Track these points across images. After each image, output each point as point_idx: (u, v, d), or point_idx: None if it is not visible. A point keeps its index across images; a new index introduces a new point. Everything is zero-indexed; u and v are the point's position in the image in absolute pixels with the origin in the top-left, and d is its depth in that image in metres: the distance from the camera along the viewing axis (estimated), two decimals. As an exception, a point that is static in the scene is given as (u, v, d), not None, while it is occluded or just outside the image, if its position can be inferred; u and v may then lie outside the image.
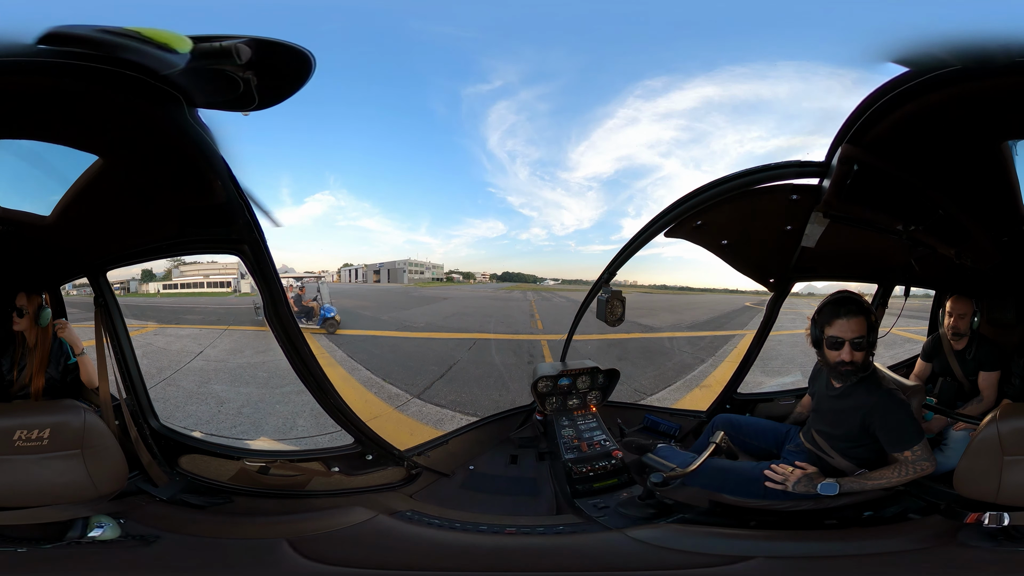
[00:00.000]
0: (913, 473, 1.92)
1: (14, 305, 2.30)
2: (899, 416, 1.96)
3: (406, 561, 1.88)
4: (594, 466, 2.50)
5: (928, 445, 1.98)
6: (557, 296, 32.21)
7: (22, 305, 2.31)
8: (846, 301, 2.03)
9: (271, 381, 6.76)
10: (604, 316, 2.58)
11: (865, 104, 1.55)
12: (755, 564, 1.70)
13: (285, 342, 2.10)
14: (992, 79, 1.36)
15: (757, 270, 2.73)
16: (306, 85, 1.48)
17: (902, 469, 1.94)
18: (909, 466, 1.93)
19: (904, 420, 1.96)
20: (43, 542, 1.74)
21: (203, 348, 9.35)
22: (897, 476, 1.94)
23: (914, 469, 1.92)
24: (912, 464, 1.93)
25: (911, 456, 1.93)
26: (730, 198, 1.99)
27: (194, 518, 2.13)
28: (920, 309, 3.14)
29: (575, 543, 1.99)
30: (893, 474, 1.94)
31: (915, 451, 1.92)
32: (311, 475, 2.50)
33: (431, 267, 61.42)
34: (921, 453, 1.93)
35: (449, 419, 5.50)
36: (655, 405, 5.02)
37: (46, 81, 1.34)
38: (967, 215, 1.89)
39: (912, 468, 1.92)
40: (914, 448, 1.92)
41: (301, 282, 14.27)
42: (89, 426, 1.83)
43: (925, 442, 1.95)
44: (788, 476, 2.00)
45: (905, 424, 1.96)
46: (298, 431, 4.98)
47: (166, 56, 1.20)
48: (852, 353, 1.98)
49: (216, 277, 30.15)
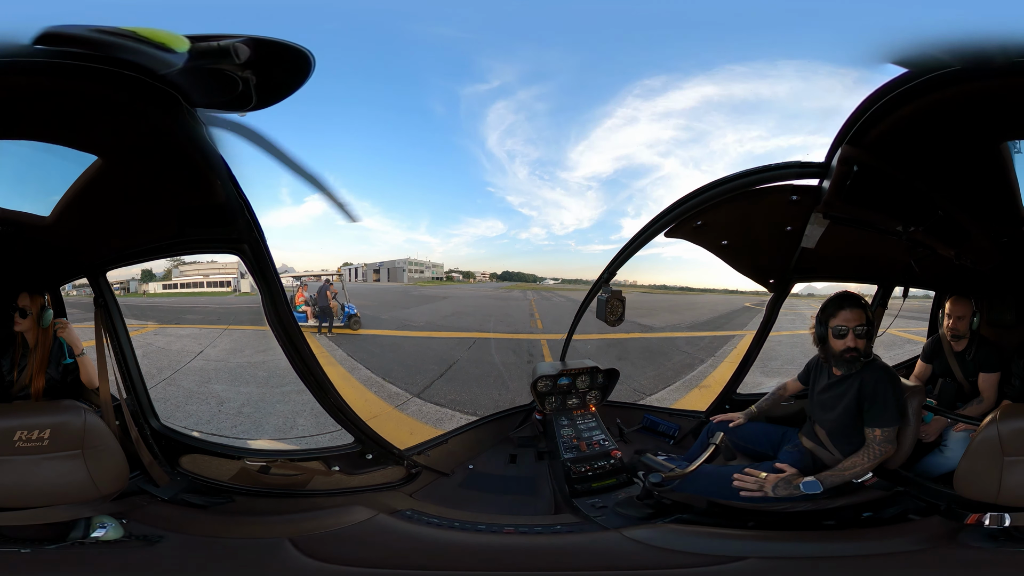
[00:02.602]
0: (875, 455, 2.00)
1: (16, 305, 2.30)
2: (888, 393, 2.04)
3: (406, 560, 1.88)
4: (593, 466, 2.50)
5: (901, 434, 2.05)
6: (557, 295, 32.22)
7: (25, 305, 2.31)
8: (848, 296, 2.18)
9: (271, 380, 6.77)
10: (604, 316, 2.58)
11: (865, 105, 1.55)
12: (748, 564, 1.71)
13: (285, 342, 2.10)
14: (991, 80, 1.36)
15: (757, 271, 2.73)
16: (305, 85, 1.48)
17: (869, 451, 2.01)
18: (875, 447, 2.01)
19: (890, 398, 2.03)
20: (47, 543, 1.74)
21: (203, 348, 9.36)
22: (864, 459, 2.01)
23: (878, 451, 2.00)
24: (877, 445, 2.01)
25: (879, 436, 2.01)
26: (730, 198, 1.99)
27: (196, 518, 2.13)
28: (920, 310, 3.14)
29: (572, 543, 2.00)
30: (862, 458, 2.02)
31: (884, 432, 2.01)
32: (311, 474, 2.50)
33: (431, 266, 61.47)
34: (888, 435, 2.01)
35: (449, 418, 5.50)
36: (654, 405, 5.02)
37: (44, 81, 1.34)
38: (967, 216, 1.89)
39: (875, 449, 2.01)
40: (884, 429, 2.01)
41: (301, 281, 14.25)
42: (89, 426, 1.83)
43: (897, 429, 2.03)
44: (763, 482, 2.04)
45: (889, 401, 2.03)
46: (298, 430, 4.98)
47: (163, 56, 1.19)
48: (856, 340, 2.10)
49: (216, 277, 30.16)
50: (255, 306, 8.66)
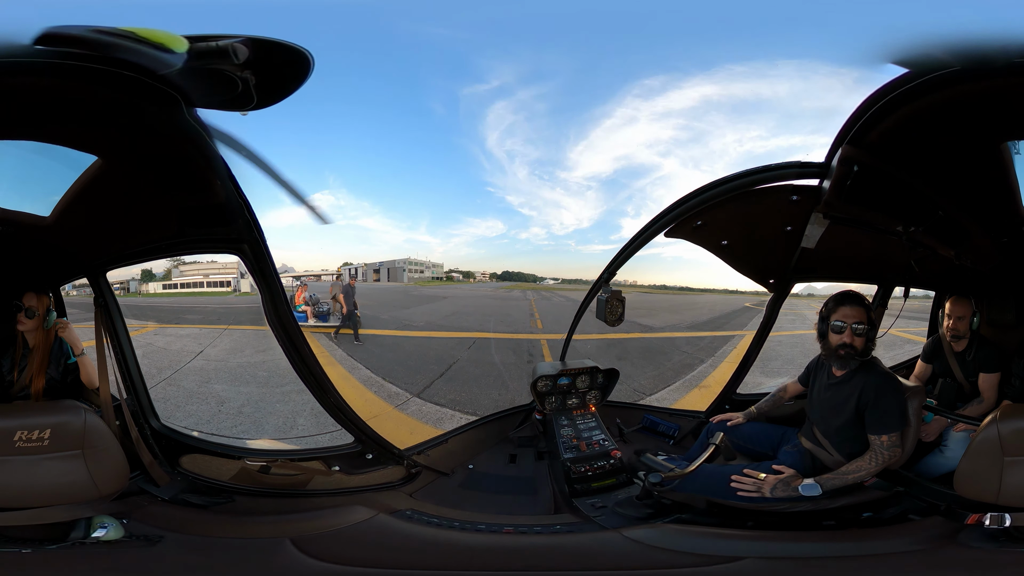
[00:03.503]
0: (883, 460, 1.99)
1: (20, 305, 2.29)
2: (889, 399, 2.02)
3: (406, 560, 1.88)
4: (592, 466, 2.50)
5: (904, 436, 2.03)
6: (557, 295, 32.20)
7: (32, 305, 2.30)
8: (850, 294, 2.20)
9: (271, 380, 6.77)
10: (604, 316, 2.58)
11: (865, 105, 1.55)
12: (745, 564, 1.71)
13: (285, 341, 2.10)
14: (991, 80, 1.36)
15: (757, 271, 2.73)
16: (305, 84, 1.48)
17: (875, 456, 2.00)
18: (883, 452, 1.99)
19: (892, 404, 2.02)
20: (48, 543, 1.74)
21: (203, 348, 9.36)
22: (871, 464, 2.00)
23: (885, 456, 1.99)
24: (884, 450, 1.99)
25: (886, 442, 1.99)
26: (730, 198, 1.99)
27: (197, 518, 2.14)
28: (920, 310, 3.13)
29: (571, 543, 2.00)
30: (868, 463, 2.00)
31: (890, 437, 1.99)
32: (312, 474, 2.51)
33: (431, 266, 61.38)
34: (895, 440, 2.00)
35: (448, 418, 5.50)
36: (654, 405, 5.01)
37: (44, 82, 1.34)
38: (967, 216, 1.89)
39: (883, 455, 1.99)
40: (890, 435, 1.99)
41: (301, 280, 14.20)
42: (90, 426, 1.83)
43: (903, 433, 2.02)
44: (762, 483, 2.04)
45: (892, 408, 2.01)
46: (298, 430, 4.98)
47: (162, 56, 1.19)
48: (853, 337, 2.10)
49: (216, 277, 30.14)
50: (255, 306, 8.65)
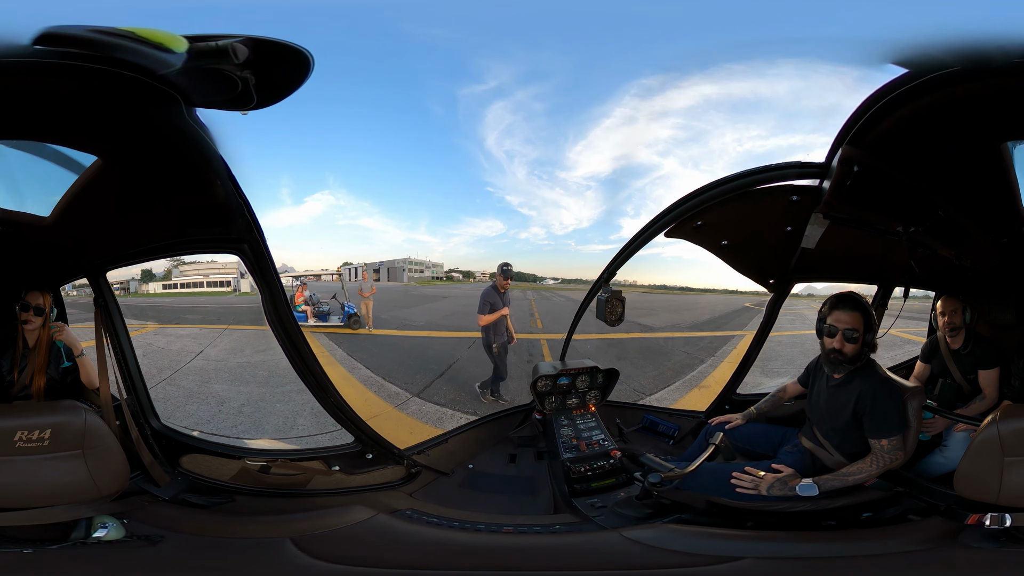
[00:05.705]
0: (885, 463, 1.98)
1: (28, 304, 2.29)
2: (888, 404, 2.01)
3: (406, 560, 1.88)
4: (592, 466, 2.50)
5: (905, 438, 2.02)
6: (557, 295, 32.19)
7: (38, 304, 2.29)
8: (847, 297, 2.14)
9: (271, 380, 6.77)
10: (604, 316, 2.58)
11: (865, 105, 1.55)
12: (745, 564, 1.71)
13: (285, 341, 2.10)
14: (991, 80, 1.36)
15: (757, 271, 2.73)
16: (305, 85, 1.48)
17: (877, 460, 1.99)
18: (884, 456, 1.98)
19: (891, 409, 2.00)
20: (48, 543, 1.74)
21: (203, 348, 9.36)
22: (872, 467, 1.99)
23: (887, 459, 1.98)
24: (886, 454, 1.98)
25: (887, 445, 1.98)
26: (730, 199, 1.99)
27: (197, 518, 2.14)
28: (921, 311, 3.13)
29: (570, 543, 2.00)
30: (870, 466, 1.99)
31: (891, 441, 1.98)
32: (312, 474, 2.51)
33: (431, 266, 61.34)
34: (896, 443, 1.98)
35: (448, 418, 5.50)
36: (654, 405, 5.02)
37: (43, 82, 1.34)
38: (967, 216, 1.89)
39: (884, 458, 1.98)
40: (891, 438, 1.98)
41: (301, 280, 14.20)
42: (90, 426, 1.83)
43: (904, 435, 2.01)
44: (760, 481, 2.03)
45: (891, 412, 2.00)
46: (298, 430, 4.98)
47: (162, 56, 1.19)
48: (843, 343, 2.06)
49: (216, 277, 30.12)
50: (255, 306, 8.62)
